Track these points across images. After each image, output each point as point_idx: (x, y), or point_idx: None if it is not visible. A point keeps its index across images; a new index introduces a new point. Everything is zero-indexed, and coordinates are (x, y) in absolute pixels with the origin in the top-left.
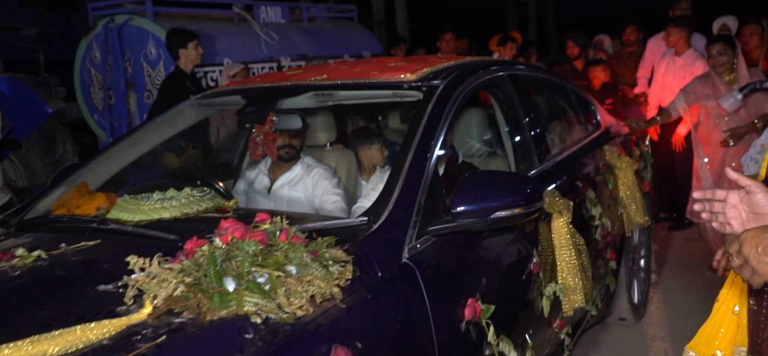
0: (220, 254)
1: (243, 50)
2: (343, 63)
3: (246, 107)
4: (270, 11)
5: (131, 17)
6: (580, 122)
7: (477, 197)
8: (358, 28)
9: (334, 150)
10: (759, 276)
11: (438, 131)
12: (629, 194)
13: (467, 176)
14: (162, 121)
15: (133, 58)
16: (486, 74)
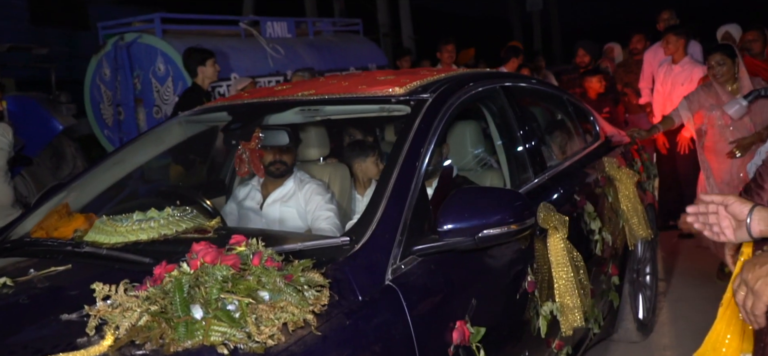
0: (187, 280)
1: (250, 65)
2: (332, 77)
3: (231, 124)
4: (276, 26)
5: (140, 35)
6: (579, 134)
7: (464, 214)
8: (363, 41)
9: (327, 165)
10: (759, 298)
11: (425, 146)
12: (631, 206)
13: (454, 193)
14: (149, 138)
15: (142, 75)
16: (478, 87)
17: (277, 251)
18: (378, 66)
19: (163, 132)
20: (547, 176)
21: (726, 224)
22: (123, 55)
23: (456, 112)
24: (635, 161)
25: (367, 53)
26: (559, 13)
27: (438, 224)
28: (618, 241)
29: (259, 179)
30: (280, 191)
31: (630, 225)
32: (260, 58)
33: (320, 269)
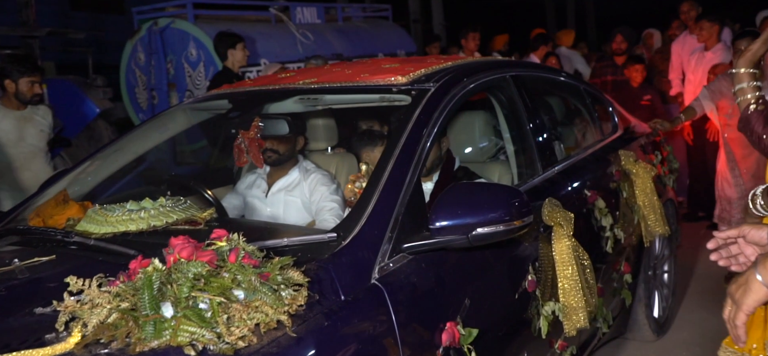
0: (157, 277)
1: (279, 51)
2: (337, 64)
3: (230, 112)
4: (306, 12)
5: (173, 20)
6: (594, 125)
7: (458, 211)
8: (392, 27)
9: (335, 154)
10: (739, 308)
11: (424, 138)
12: (647, 202)
13: (449, 189)
14: (154, 125)
15: (174, 60)
16: (486, 76)
17: (261, 247)
18: (407, 52)
19: (168, 119)
20: (556, 170)
21: (750, 252)
22: (157, 40)
23: (460, 102)
24: (655, 155)
25: (395, 39)
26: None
27: (430, 220)
28: (633, 237)
29: (265, 167)
30: (284, 181)
31: (646, 222)
32: (290, 43)
33: (303, 266)
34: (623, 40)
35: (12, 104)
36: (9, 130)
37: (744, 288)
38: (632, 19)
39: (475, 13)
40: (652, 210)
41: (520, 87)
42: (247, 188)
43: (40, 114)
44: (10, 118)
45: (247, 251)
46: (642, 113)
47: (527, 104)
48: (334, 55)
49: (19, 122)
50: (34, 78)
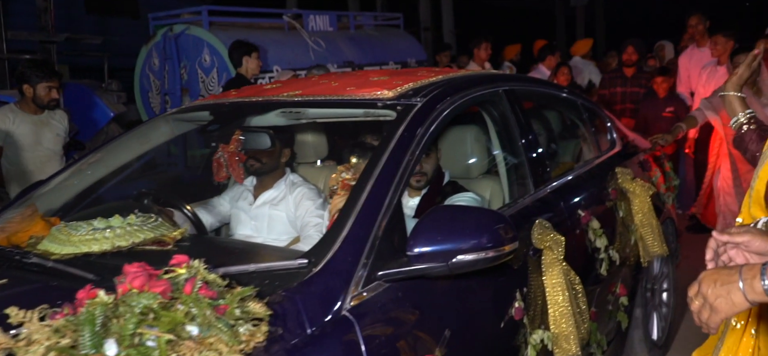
0: (102, 310)
1: (292, 58)
2: (324, 76)
3: (210, 125)
4: (318, 20)
5: (188, 27)
6: (591, 141)
7: (437, 237)
8: (403, 36)
9: (324, 167)
10: (716, 313)
11: (408, 157)
12: (644, 221)
13: (429, 212)
14: (136, 136)
15: (188, 66)
16: (477, 91)
17: (225, 274)
18: (417, 61)
19: (150, 130)
20: (548, 188)
21: (741, 260)
22: (171, 45)
23: (448, 118)
24: (654, 172)
25: (406, 48)
26: (604, 7)
27: (408, 246)
28: (630, 258)
29: (252, 178)
30: (269, 194)
31: (644, 242)
32: (302, 51)
33: (267, 296)
34: (634, 52)
35: (30, 108)
36: (26, 134)
37: (725, 298)
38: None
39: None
40: (650, 230)
41: (513, 102)
42: (234, 199)
43: (57, 118)
44: (27, 122)
45: (207, 280)
46: (664, 124)
47: (520, 120)
48: (345, 62)
49: (37, 126)
50: (52, 83)
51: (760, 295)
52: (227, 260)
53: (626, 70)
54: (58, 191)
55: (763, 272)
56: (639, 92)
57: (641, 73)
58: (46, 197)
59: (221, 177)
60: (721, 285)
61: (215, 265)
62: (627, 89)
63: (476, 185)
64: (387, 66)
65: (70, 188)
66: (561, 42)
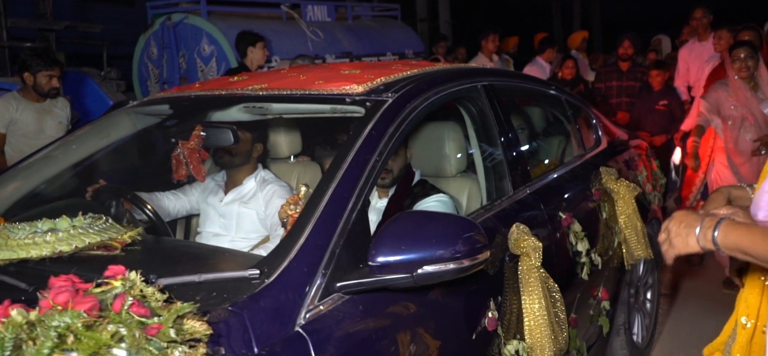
0: (13, 331)
1: (290, 48)
2: (294, 69)
3: (166, 120)
4: (316, 10)
5: (186, 16)
6: (575, 139)
7: (401, 246)
8: (401, 27)
9: (297, 163)
10: (672, 248)
11: (375, 157)
12: (629, 223)
13: (394, 219)
14: (95, 129)
15: (187, 55)
16: (453, 86)
17: (168, 286)
18: (414, 52)
19: (109, 123)
20: (528, 189)
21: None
22: (170, 34)
23: (422, 115)
24: (640, 171)
25: (404, 39)
26: (600, 2)
27: (369, 255)
28: (614, 261)
29: (224, 173)
30: (239, 190)
31: (627, 245)
32: (300, 41)
33: (211, 312)
34: (630, 45)
35: (31, 96)
36: (29, 122)
37: (682, 239)
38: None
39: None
40: (634, 233)
41: (492, 98)
42: (203, 193)
43: (59, 106)
44: (30, 110)
45: (143, 294)
46: (657, 117)
47: (499, 117)
48: (343, 53)
49: (39, 114)
50: (53, 72)
51: (709, 243)
52: (175, 268)
53: (622, 64)
54: (7, 189)
55: (717, 226)
56: (635, 85)
57: (637, 67)
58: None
59: (181, 175)
60: (684, 226)
61: (160, 274)
62: (623, 82)
63: (453, 184)
64: (384, 57)
65: (22, 185)
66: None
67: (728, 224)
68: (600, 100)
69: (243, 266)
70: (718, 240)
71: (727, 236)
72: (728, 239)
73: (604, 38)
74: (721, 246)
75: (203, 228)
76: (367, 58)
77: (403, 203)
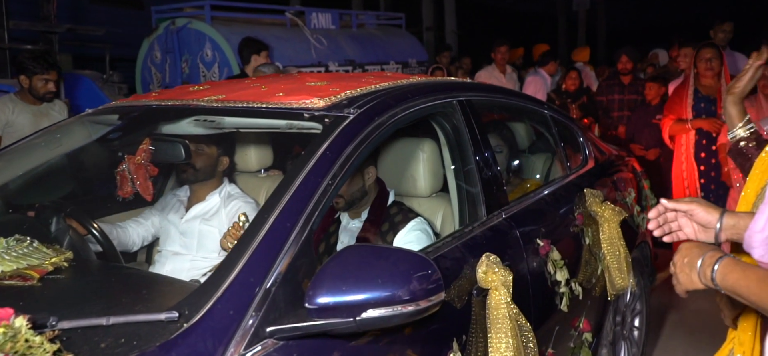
0: None
1: (293, 55)
2: (257, 79)
3: (111, 133)
4: (321, 17)
5: (190, 21)
6: (560, 158)
7: (343, 286)
8: (405, 36)
9: (267, 178)
10: (679, 283)
11: (328, 180)
12: (612, 250)
13: (338, 253)
14: (47, 139)
15: (190, 59)
16: (427, 101)
17: (71, 328)
18: (418, 61)
19: (63, 132)
20: (504, 214)
21: (689, 231)
22: (173, 39)
23: (387, 133)
24: (628, 192)
25: (408, 48)
26: (606, 13)
27: (306, 296)
28: (597, 289)
29: (187, 188)
30: (201, 207)
31: (609, 274)
32: (303, 48)
33: None
34: (628, 60)
35: (28, 98)
36: (25, 124)
37: (687, 275)
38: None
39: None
40: (616, 260)
41: (468, 114)
42: (164, 209)
43: (57, 109)
44: (26, 112)
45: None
46: (653, 131)
47: (476, 135)
48: (346, 61)
49: (36, 117)
50: (49, 76)
51: (708, 282)
52: (90, 305)
53: (623, 78)
54: None
55: (715, 264)
56: (637, 98)
57: (638, 81)
58: None
59: (126, 192)
60: (687, 261)
61: (69, 313)
62: (625, 96)
63: (426, 205)
64: (388, 65)
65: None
66: (562, 46)
67: (727, 264)
68: (602, 113)
69: (160, 308)
70: (717, 281)
71: (725, 277)
72: (726, 280)
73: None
74: (721, 287)
75: (163, 247)
76: (370, 67)
77: (379, 225)
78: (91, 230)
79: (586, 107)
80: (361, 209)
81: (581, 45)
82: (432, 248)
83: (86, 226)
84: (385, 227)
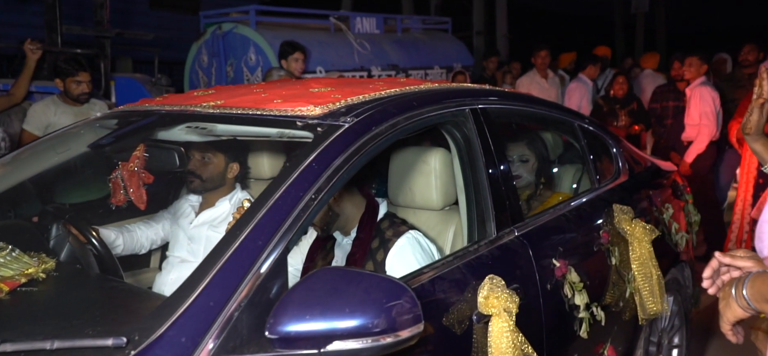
0: None
1: (336, 59)
2: (258, 85)
3: (104, 138)
4: (365, 22)
5: (236, 25)
6: (588, 171)
7: (307, 313)
8: (450, 40)
9: None
10: (722, 319)
11: (312, 194)
12: (643, 272)
13: (307, 277)
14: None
15: (235, 64)
16: (434, 109)
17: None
18: (463, 66)
19: (71, 137)
20: (517, 231)
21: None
22: (219, 43)
23: (386, 143)
24: (665, 208)
25: (453, 52)
26: (666, 15)
27: (267, 324)
28: (626, 313)
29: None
30: (210, 213)
31: (640, 297)
32: (346, 53)
33: None
34: (681, 66)
35: (68, 100)
36: (67, 125)
37: (726, 303)
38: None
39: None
40: (648, 282)
41: (481, 123)
42: (176, 214)
43: (97, 110)
44: (68, 114)
45: None
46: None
47: (488, 145)
48: (390, 65)
49: (77, 118)
50: (80, 78)
51: (742, 300)
52: (42, 326)
53: (679, 84)
54: None
55: (746, 279)
56: None
57: None
58: None
59: (119, 201)
60: (726, 288)
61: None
62: (680, 102)
63: (439, 219)
64: (432, 70)
65: None
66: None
67: (756, 275)
68: (655, 121)
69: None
70: (747, 294)
71: (754, 285)
72: (754, 288)
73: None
74: (750, 300)
75: (171, 253)
76: (414, 72)
77: (368, 244)
78: (89, 238)
79: (635, 113)
80: (349, 227)
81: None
82: (429, 269)
83: (84, 233)
84: (375, 244)
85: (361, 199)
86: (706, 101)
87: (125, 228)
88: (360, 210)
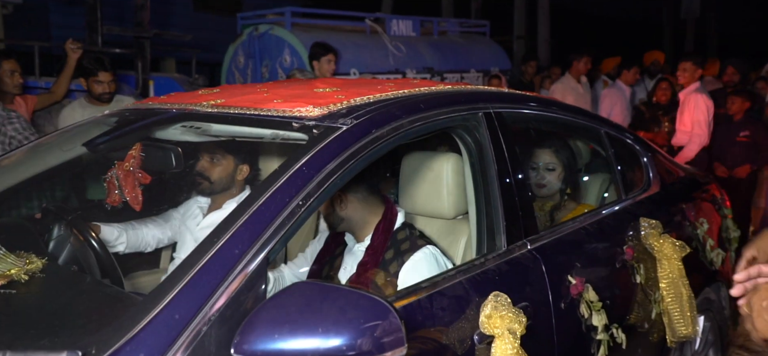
0: None
1: (370, 61)
2: (259, 85)
3: (99, 137)
4: (401, 24)
5: (272, 27)
6: (614, 182)
7: (276, 332)
8: (488, 43)
9: None
10: (755, 329)
11: (300, 200)
12: (672, 291)
13: (279, 292)
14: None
15: (270, 65)
16: (443, 113)
17: None
18: (501, 69)
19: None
20: (529, 245)
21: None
22: (254, 44)
23: (387, 147)
24: (699, 223)
25: (490, 56)
26: (717, 18)
27: (233, 342)
28: (653, 335)
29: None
30: (217, 215)
31: (669, 318)
32: (381, 55)
33: None
34: (735, 72)
35: (93, 100)
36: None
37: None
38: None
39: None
40: (678, 303)
41: (495, 128)
42: (185, 215)
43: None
44: (95, 114)
45: None
46: (740, 150)
47: (501, 151)
48: (425, 68)
49: None
50: (103, 78)
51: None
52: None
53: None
54: None
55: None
56: None
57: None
58: None
59: (114, 201)
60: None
61: None
62: (723, 110)
63: (450, 228)
64: (468, 74)
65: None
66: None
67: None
68: None
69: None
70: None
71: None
72: None
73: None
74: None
75: (177, 254)
76: (449, 75)
77: (381, 254)
78: (87, 237)
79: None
80: (363, 233)
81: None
82: (428, 283)
83: (83, 233)
84: (390, 255)
85: (378, 205)
86: (700, 108)
87: (130, 226)
88: (376, 216)
